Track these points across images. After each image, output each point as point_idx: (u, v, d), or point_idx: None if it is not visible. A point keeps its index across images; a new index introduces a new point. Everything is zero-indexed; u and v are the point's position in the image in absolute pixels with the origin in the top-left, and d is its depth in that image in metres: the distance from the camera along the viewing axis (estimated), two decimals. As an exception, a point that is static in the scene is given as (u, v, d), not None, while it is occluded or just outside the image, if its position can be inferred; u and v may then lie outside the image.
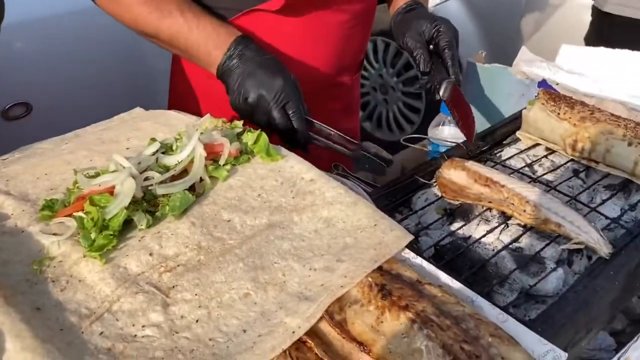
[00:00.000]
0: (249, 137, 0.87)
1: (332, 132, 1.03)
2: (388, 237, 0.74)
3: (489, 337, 0.63)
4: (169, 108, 1.25)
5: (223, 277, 0.68)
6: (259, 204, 0.79)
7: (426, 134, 1.42)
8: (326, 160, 1.14)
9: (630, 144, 0.99)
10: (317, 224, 0.76)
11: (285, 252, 0.72)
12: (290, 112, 0.97)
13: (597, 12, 2.06)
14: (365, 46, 1.37)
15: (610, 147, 1.00)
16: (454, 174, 0.97)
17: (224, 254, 0.71)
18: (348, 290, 0.66)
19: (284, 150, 0.88)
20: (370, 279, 0.67)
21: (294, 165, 0.85)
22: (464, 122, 1.12)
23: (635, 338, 0.99)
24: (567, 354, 0.65)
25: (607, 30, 2.08)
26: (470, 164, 0.97)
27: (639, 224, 0.93)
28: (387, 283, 0.67)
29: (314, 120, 1.02)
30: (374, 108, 3.29)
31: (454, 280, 0.73)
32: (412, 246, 0.82)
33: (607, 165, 1.02)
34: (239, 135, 0.89)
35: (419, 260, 0.76)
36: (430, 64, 1.13)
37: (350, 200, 0.79)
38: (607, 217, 0.94)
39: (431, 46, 1.15)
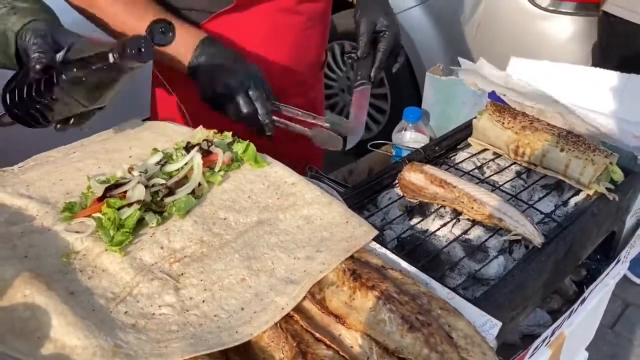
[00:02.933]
0: (239, 147, 1.01)
1: (299, 113, 1.14)
2: (358, 231, 0.89)
3: (439, 309, 0.78)
4: (151, 117, 1.37)
5: (223, 266, 0.82)
6: (249, 204, 0.93)
7: (390, 138, 1.57)
8: (299, 161, 1.27)
9: (562, 150, 1.16)
10: (298, 221, 0.91)
11: (273, 245, 0.86)
12: (253, 97, 1.07)
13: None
14: (325, 45, 1.48)
15: (546, 152, 1.17)
16: (413, 176, 1.12)
17: (222, 247, 0.85)
18: (326, 274, 0.80)
19: (269, 158, 1.02)
20: (344, 265, 0.82)
21: (278, 170, 1.00)
22: (355, 115, 1.31)
23: (567, 314, 1.18)
24: (501, 323, 0.81)
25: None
26: (428, 168, 1.13)
27: (568, 218, 1.10)
28: (358, 268, 0.82)
29: (280, 104, 1.13)
30: (342, 109, 3.45)
31: (412, 267, 0.88)
32: (378, 239, 0.96)
33: (543, 168, 1.19)
34: (229, 145, 1.03)
35: (383, 250, 0.91)
36: (366, 54, 1.29)
37: (326, 201, 0.94)
38: (542, 212, 1.11)
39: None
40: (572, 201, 1.16)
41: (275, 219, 0.91)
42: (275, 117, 1.11)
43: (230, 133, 1.05)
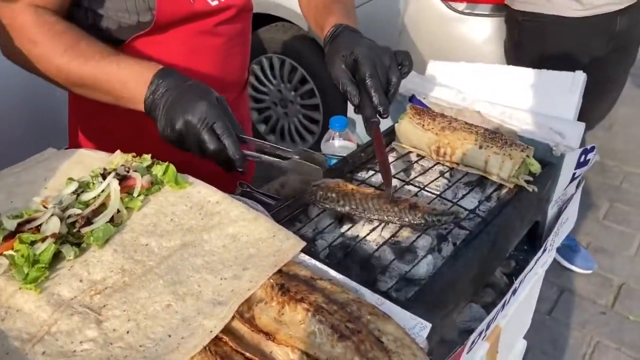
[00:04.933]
0: (158, 169, 0.98)
1: (268, 145, 1.04)
2: (285, 245, 0.88)
3: (368, 315, 0.78)
4: (70, 146, 1.32)
5: (147, 294, 0.80)
6: (172, 227, 0.91)
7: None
8: (229, 180, 1.26)
9: (481, 147, 1.19)
10: (224, 240, 0.89)
11: (199, 267, 0.85)
12: (219, 132, 0.97)
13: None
14: (246, 64, 1.44)
15: (465, 151, 1.20)
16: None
17: (145, 274, 0.82)
18: (254, 292, 0.79)
19: (191, 178, 1.00)
20: (271, 281, 0.81)
21: (200, 190, 0.98)
22: (382, 167, 1.12)
23: (501, 307, 1.20)
24: (430, 325, 0.82)
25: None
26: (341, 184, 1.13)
27: (491, 213, 1.13)
28: (286, 282, 0.81)
29: (246, 137, 1.03)
30: (277, 121, 3.45)
31: (340, 275, 0.88)
32: (308, 249, 0.97)
33: (465, 166, 1.22)
34: (148, 168, 1.00)
35: (313, 261, 0.91)
36: (357, 97, 1.12)
37: (252, 217, 0.92)
38: (466, 209, 1.14)
39: (357, 76, 1.12)
40: (495, 196, 1.19)
41: (200, 240, 0.89)
42: (246, 151, 1.01)
43: (149, 155, 1.02)
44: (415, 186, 1.20)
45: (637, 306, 2.59)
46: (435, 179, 1.23)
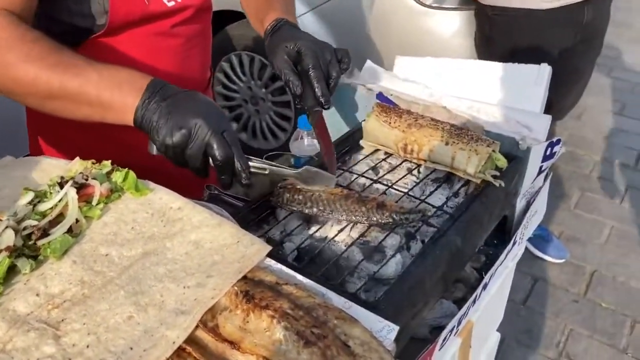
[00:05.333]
0: (118, 176, 0.96)
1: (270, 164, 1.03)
2: (250, 250, 0.87)
3: (335, 319, 0.78)
4: (31, 154, 1.29)
5: (107, 306, 0.78)
6: (133, 236, 0.89)
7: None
8: (197, 184, 1.24)
9: (447, 144, 1.19)
10: (187, 247, 0.87)
11: (161, 276, 0.83)
12: (228, 140, 0.93)
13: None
14: (208, 63, 1.43)
15: (432, 147, 1.20)
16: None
17: (105, 285, 0.80)
18: (218, 300, 0.78)
19: (152, 184, 0.98)
20: (236, 288, 0.80)
21: (162, 196, 0.96)
22: (326, 153, 1.16)
23: (472, 301, 1.21)
24: (398, 327, 0.81)
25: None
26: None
27: (459, 209, 1.14)
28: (250, 289, 0.80)
29: (250, 156, 0.99)
30: (248, 119, 3.42)
31: (307, 279, 0.87)
32: (276, 253, 0.96)
33: (432, 162, 1.22)
34: (108, 175, 0.97)
35: (279, 265, 0.90)
36: (299, 87, 1.13)
37: (216, 222, 0.91)
38: (434, 206, 1.14)
39: (299, 67, 1.15)
40: (462, 192, 1.20)
41: (162, 248, 0.87)
42: (251, 163, 0.98)
43: (110, 162, 0.99)
44: (384, 184, 1.19)
45: (608, 293, 2.63)
46: (403, 177, 1.22)
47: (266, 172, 1.03)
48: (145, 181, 0.97)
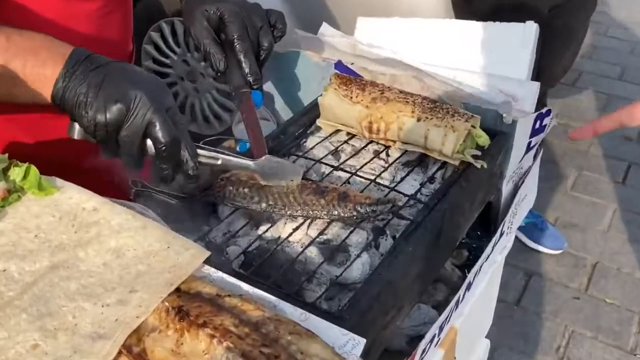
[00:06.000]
0: (16, 173, 0.92)
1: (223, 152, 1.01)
2: (183, 257, 0.84)
3: (289, 335, 0.76)
4: None
5: (6, 333, 0.74)
6: (37, 245, 0.85)
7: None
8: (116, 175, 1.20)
9: (419, 119, 1.18)
10: (105, 257, 0.84)
11: (74, 293, 0.80)
12: (175, 119, 0.91)
13: None
14: (130, 32, 1.41)
15: (402, 125, 1.19)
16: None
17: (3, 308, 0.77)
18: (144, 319, 0.76)
19: (59, 181, 0.94)
20: (167, 304, 0.78)
21: (72, 196, 0.92)
22: (255, 147, 1.13)
23: (454, 305, 1.21)
24: (364, 340, 0.81)
25: None
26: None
27: (435, 197, 1.13)
28: (185, 304, 0.78)
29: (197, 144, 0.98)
30: (185, 99, 3.36)
31: (254, 288, 0.86)
32: (218, 259, 0.94)
33: (403, 143, 1.22)
34: (5, 171, 0.93)
35: (220, 274, 0.88)
36: (223, 62, 1.13)
37: (139, 225, 0.88)
38: (405, 195, 1.13)
39: (222, 36, 1.13)
40: (439, 176, 1.20)
41: (74, 259, 0.84)
42: (200, 151, 0.97)
43: (7, 155, 0.95)
44: (346, 171, 1.19)
45: (612, 287, 2.70)
46: (369, 161, 1.22)
47: (218, 163, 1.02)
48: (51, 178, 0.94)
